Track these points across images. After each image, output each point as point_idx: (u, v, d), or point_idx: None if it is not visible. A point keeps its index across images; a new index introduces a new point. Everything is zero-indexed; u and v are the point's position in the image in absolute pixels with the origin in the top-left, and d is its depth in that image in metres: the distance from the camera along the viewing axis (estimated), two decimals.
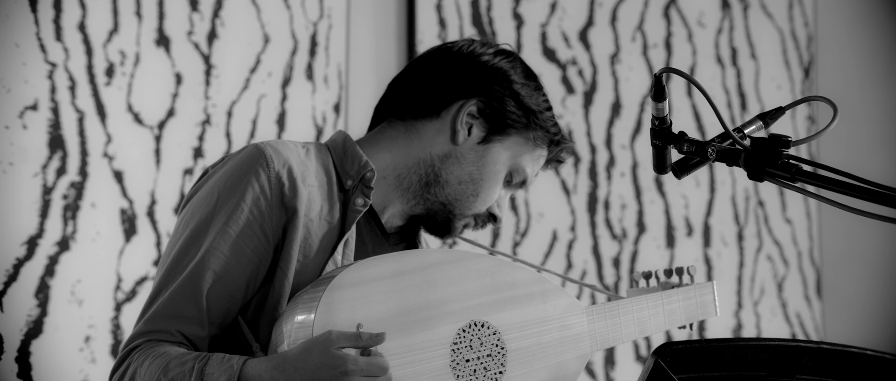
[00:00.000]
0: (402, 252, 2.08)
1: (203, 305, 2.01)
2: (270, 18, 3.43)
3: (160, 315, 2.01)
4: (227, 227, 2.03)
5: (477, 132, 2.18)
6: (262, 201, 2.04)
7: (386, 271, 2.01)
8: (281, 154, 2.07)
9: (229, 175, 2.06)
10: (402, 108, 2.20)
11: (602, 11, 4.03)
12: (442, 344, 2.01)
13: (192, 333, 2.01)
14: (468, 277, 2.05)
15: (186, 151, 3.28)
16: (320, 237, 2.08)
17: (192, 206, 2.08)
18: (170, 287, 2.02)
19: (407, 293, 2.01)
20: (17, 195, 3.03)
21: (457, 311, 2.03)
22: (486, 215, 2.21)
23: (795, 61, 4.38)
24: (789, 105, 1.93)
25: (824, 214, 4.38)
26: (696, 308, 2.22)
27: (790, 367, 1.71)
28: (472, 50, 2.20)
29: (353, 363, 1.89)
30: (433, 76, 2.20)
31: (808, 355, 1.72)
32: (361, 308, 1.97)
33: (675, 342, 1.71)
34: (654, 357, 1.68)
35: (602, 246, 3.99)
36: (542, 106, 2.20)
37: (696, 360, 1.70)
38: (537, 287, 2.10)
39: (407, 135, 2.18)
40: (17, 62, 3.03)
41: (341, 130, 2.21)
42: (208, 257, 2.02)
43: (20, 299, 3.01)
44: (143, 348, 2.00)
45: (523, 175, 2.21)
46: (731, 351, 1.72)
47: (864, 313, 4.37)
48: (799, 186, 1.79)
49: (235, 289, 2.03)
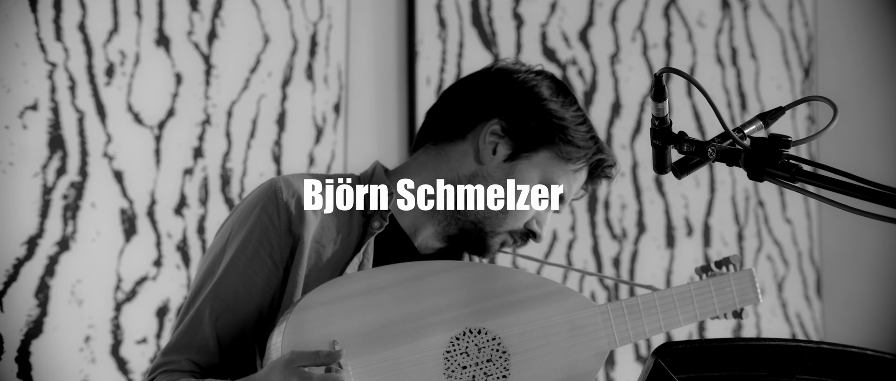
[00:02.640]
0: (380, 268, 2.11)
1: (211, 334, 2.12)
2: (270, 18, 3.43)
3: (174, 347, 2.14)
4: (237, 258, 2.12)
5: (502, 150, 2.20)
6: (270, 231, 2.12)
7: (359, 288, 2.04)
8: (292, 186, 2.14)
9: (242, 209, 2.16)
10: (434, 133, 2.25)
11: (602, 11, 4.03)
12: (432, 354, 2.03)
13: (203, 361, 2.12)
14: (460, 285, 2.07)
15: (186, 151, 3.28)
16: (334, 262, 2.14)
17: (212, 242, 2.20)
18: (185, 320, 2.14)
19: (386, 307, 2.03)
20: (17, 195, 3.03)
21: (448, 320, 2.05)
22: (523, 231, 2.22)
23: (795, 61, 4.38)
24: (789, 105, 1.93)
25: (824, 214, 4.38)
26: (733, 297, 2.21)
27: (790, 367, 1.71)
28: (500, 71, 2.23)
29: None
30: (461, 99, 2.24)
31: (808, 355, 1.72)
32: (335, 325, 2.00)
33: (675, 342, 1.71)
34: (654, 357, 1.68)
35: (602, 246, 3.99)
36: (573, 120, 2.20)
37: (696, 360, 1.70)
38: (538, 290, 2.10)
39: (436, 158, 2.22)
40: (17, 62, 3.03)
41: (375, 161, 2.26)
42: (218, 289, 2.12)
43: (20, 299, 3.01)
44: (159, 379, 2.13)
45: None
46: (731, 351, 1.72)
47: (864, 313, 4.37)
48: (799, 186, 1.78)
49: (247, 316, 2.12)
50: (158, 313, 3.21)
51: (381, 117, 3.65)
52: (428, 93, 3.70)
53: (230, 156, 3.35)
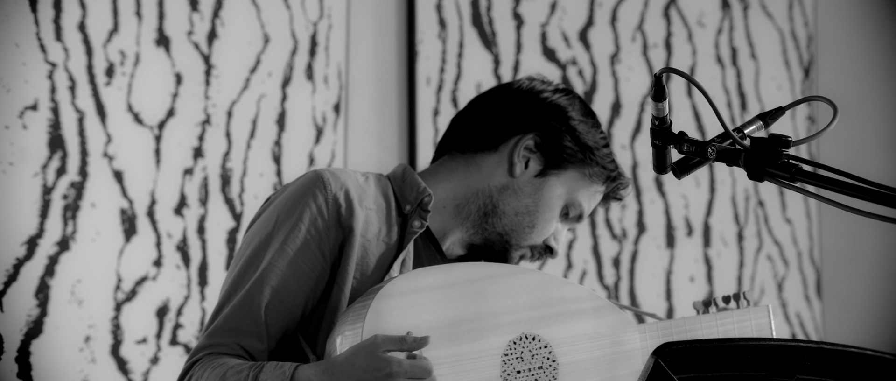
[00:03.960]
0: (454, 264, 2.14)
1: (261, 319, 2.10)
2: (270, 18, 3.43)
3: (221, 330, 2.11)
4: (286, 246, 2.11)
5: (534, 166, 2.25)
6: (319, 222, 2.12)
7: (436, 282, 2.06)
8: (338, 178, 2.15)
9: (288, 199, 2.15)
10: (462, 142, 2.28)
11: (602, 11, 4.03)
12: (492, 355, 2.05)
13: (251, 346, 2.10)
14: (519, 290, 2.09)
15: (186, 151, 3.28)
16: (377, 257, 2.16)
17: (253, 229, 2.18)
18: (231, 303, 2.11)
19: (456, 304, 2.06)
20: (17, 195, 3.03)
21: (508, 323, 2.07)
22: (542, 247, 2.28)
23: (795, 61, 4.38)
24: (789, 105, 1.93)
25: (824, 214, 4.38)
26: (751, 332, 2.24)
27: (790, 367, 1.71)
28: (532, 87, 2.29)
29: (398, 366, 1.95)
30: (493, 112, 2.28)
31: (808, 355, 1.71)
32: (411, 317, 2.02)
33: (675, 342, 1.71)
34: (654, 357, 1.68)
35: (602, 246, 3.99)
36: (599, 143, 2.27)
37: (696, 360, 1.70)
38: (588, 303, 2.13)
39: (466, 167, 2.26)
40: (17, 62, 3.03)
41: (402, 163, 2.29)
42: (267, 274, 2.11)
43: (20, 299, 3.01)
44: (204, 360, 2.09)
45: (579, 209, 2.28)
46: (731, 351, 1.72)
47: (864, 313, 4.37)
48: (799, 186, 1.79)
49: (293, 305, 2.11)
50: (158, 313, 3.21)
51: (381, 117, 3.66)
52: (428, 93, 3.70)
53: (230, 156, 3.35)
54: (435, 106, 3.70)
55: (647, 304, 4.04)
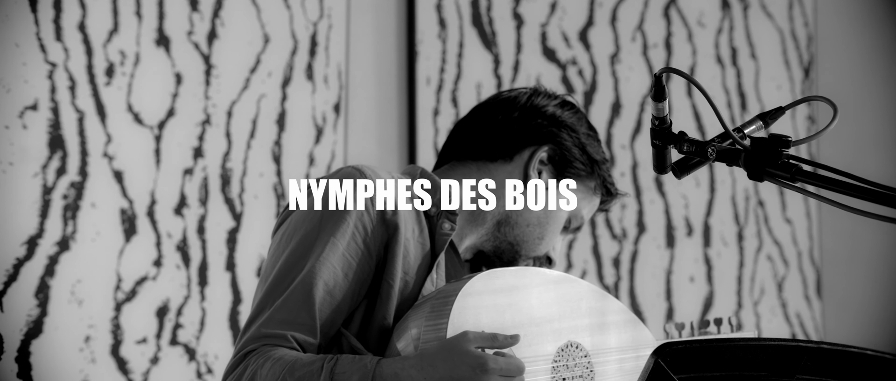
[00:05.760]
0: (523, 269, 2.18)
1: (315, 313, 2.07)
2: (270, 18, 3.43)
3: (274, 321, 2.06)
4: (335, 240, 2.09)
5: (545, 177, 2.28)
6: (365, 218, 2.12)
7: (507, 285, 2.09)
8: (380, 175, 2.15)
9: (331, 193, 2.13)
10: (474, 149, 2.30)
11: (602, 11, 4.03)
12: (544, 361, 2.09)
13: (304, 340, 2.06)
14: (565, 299, 2.13)
15: (186, 151, 3.28)
16: (415, 256, 2.16)
17: (293, 223, 2.14)
18: (281, 296, 2.07)
19: (520, 308, 2.09)
20: (17, 195, 3.03)
21: (557, 330, 2.11)
22: (544, 258, 2.31)
23: (795, 61, 4.38)
24: (789, 105, 1.93)
25: (824, 214, 4.38)
26: None
27: (790, 367, 1.71)
28: (539, 100, 2.31)
29: (494, 362, 1.96)
30: (505, 122, 2.29)
31: (808, 355, 1.71)
32: (484, 317, 2.05)
33: (675, 342, 1.71)
34: (653, 357, 1.68)
35: (602, 246, 3.99)
36: (602, 157, 2.32)
37: (696, 360, 1.70)
38: (622, 316, 2.18)
39: (480, 174, 2.28)
40: (17, 62, 3.03)
41: (415, 165, 2.31)
42: (319, 268, 2.08)
43: (20, 299, 3.01)
44: (260, 351, 2.05)
45: (580, 221, 2.33)
46: (731, 351, 1.72)
47: (864, 313, 4.37)
48: (799, 186, 1.79)
49: (342, 301, 2.10)
50: (158, 313, 3.21)
51: (381, 117, 3.66)
52: (428, 93, 3.70)
53: (230, 156, 3.35)
54: (435, 106, 3.70)
55: (647, 304, 4.04)
